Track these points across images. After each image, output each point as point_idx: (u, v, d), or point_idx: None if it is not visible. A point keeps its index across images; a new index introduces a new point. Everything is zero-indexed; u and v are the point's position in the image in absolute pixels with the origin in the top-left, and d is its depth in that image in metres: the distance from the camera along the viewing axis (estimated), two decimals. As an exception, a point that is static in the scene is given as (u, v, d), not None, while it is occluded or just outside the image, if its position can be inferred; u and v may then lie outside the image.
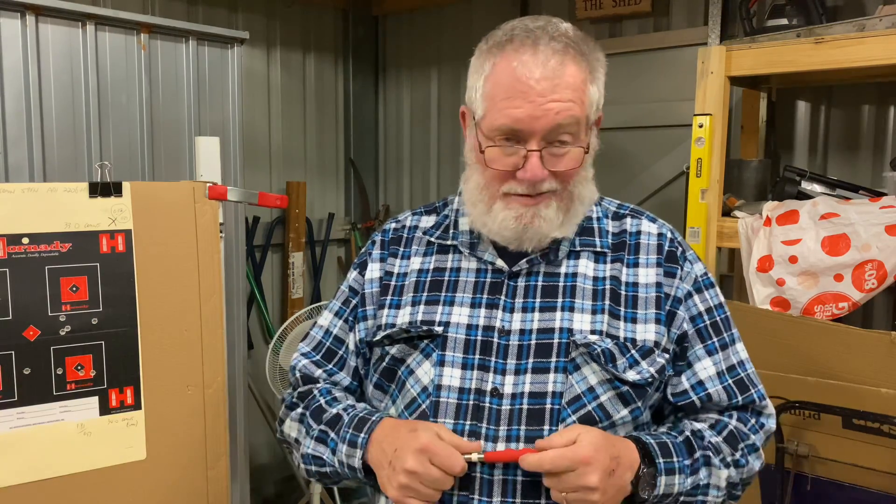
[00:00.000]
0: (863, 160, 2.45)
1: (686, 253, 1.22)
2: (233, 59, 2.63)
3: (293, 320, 2.82)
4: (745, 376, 1.20)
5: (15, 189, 1.59)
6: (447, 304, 1.18)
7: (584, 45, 1.10)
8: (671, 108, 2.81)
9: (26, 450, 1.59)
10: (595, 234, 1.21)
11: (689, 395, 1.18)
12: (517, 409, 1.10)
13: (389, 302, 1.23)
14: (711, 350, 1.18)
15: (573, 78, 1.07)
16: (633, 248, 1.21)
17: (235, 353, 1.98)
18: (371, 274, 1.27)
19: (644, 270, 1.18)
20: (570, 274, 1.18)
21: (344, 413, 1.19)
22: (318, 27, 3.61)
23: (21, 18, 2.16)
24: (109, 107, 2.38)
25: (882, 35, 1.90)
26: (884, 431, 1.80)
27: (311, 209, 3.59)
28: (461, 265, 1.21)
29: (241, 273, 2.02)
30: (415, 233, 1.28)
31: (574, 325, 1.13)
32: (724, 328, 1.21)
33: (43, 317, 1.60)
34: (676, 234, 1.25)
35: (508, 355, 1.13)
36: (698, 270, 1.21)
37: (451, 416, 1.12)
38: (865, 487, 1.84)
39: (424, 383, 1.15)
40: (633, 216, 1.25)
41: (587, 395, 1.11)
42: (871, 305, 2.32)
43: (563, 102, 1.06)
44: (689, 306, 1.18)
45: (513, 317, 1.15)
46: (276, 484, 3.59)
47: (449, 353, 1.15)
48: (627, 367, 1.12)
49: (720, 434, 1.17)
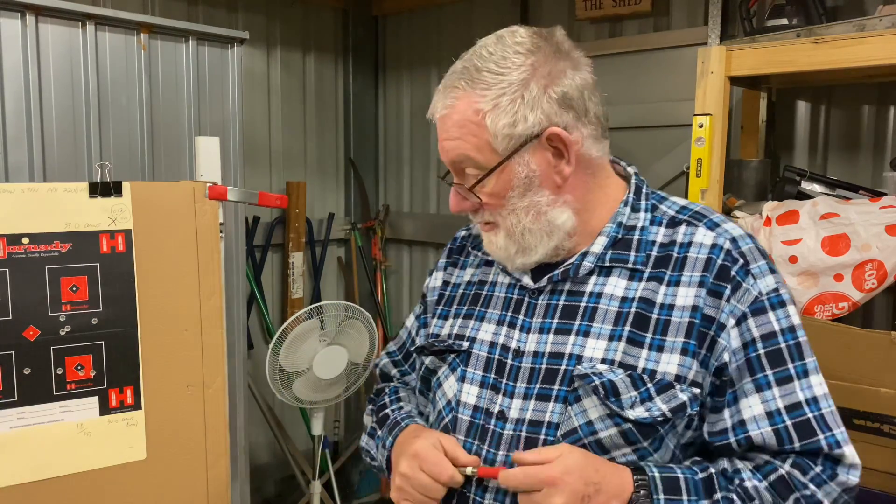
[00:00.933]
0: (863, 160, 2.45)
1: (750, 266, 1.04)
2: (233, 59, 2.63)
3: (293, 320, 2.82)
4: (813, 417, 1.00)
5: (15, 189, 1.59)
6: (478, 319, 1.17)
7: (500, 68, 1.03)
8: (671, 108, 2.81)
9: (26, 450, 1.59)
10: (632, 246, 1.09)
11: (728, 435, 1.02)
12: (516, 435, 1.06)
13: (440, 312, 1.25)
14: (762, 385, 1.01)
15: (459, 115, 1.05)
16: (678, 264, 1.06)
17: (235, 353, 1.98)
18: (434, 282, 1.30)
19: (685, 290, 1.04)
20: (596, 294, 1.08)
21: (391, 413, 1.25)
22: (317, 27, 3.61)
23: (21, 18, 2.16)
24: (109, 107, 2.37)
25: (882, 35, 1.90)
26: (884, 431, 1.80)
27: (311, 209, 3.59)
28: (498, 279, 1.19)
29: (241, 273, 2.02)
30: (475, 241, 1.27)
31: (585, 351, 1.05)
32: (789, 357, 1.02)
33: (43, 317, 1.60)
34: (744, 242, 1.06)
35: (519, 378, 1.09)
36: (764, 287, 1.03)
37: (463, 433, 1.12)
38: (866, 487, 1.84)
39: (448, 397, 1.15)
40: (691, 223, 1.09)
41: (584, 429, 1.03)
42: (871, 305, 2.31)
43: (452, 141, 1.07)
44: (742, 331, 1.01)
45: (529, 337, 1.10)
46: (276, 484, 3.59)
47: (471, 369, 1.14)
48: (637, 403, 1.00)
49: (766, 478, 1.00)
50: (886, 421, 1.78)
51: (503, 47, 1.05)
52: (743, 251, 1.05)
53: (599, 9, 2.95)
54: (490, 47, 1.06)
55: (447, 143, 1.08)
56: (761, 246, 1.09)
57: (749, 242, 1.07)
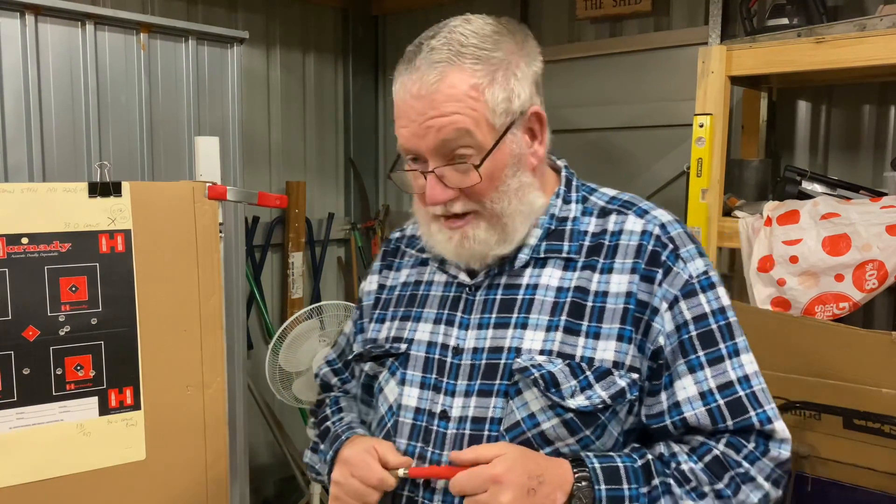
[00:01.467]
0: (863, 160, 2.44)
1: (679, 250, 1.06)
2: (232, 59, 2.63)
3: (293, 320, 2.82)
4: (745, 395, 1.03)
5: (15, 189, 1.59)
6: (415, 319, 1.15)
7: (491, 45, 1.01)
8: (671, 108, 2.81)
9: (26, 450, 1.58)
10: (565, 237, 1.10)
11: (664, 417, 1.04)
12: (460, 433, 1.05)
13: (377, 316, 1.22)
14: (695, 366, 1.03)
15: (454, 88, 0.99)
16: (610, 251, 1.07)
17: (235, 353, 1.98)
18: (370, 286, 1.27)
19: (618, 277, 1.05)
20: (532, 286, 1.08)
21: (332, 426, 1.22)
22: (317, 27, 3.61)
23: (20, 18, 2.16)
24: (109, 107, 2.37)
25: (882, 35, 1.90)
26: (884, 431, 1.79)
27: (310, 209, 3.59)
28: (434, 278, 1.17)
29: (240, 273, 2.02)
30: (409, 242, 1.26)
31: (524, 343, 1.04)
32: (720, 338, 1.04)
33: (42, 317, 1.60)
34: (672, 227, 1.08)
35: (459, 376, 1.07)
36: (694, 270, 1.05)
37: (406, 437, 1.09)
38: (866, 487, 1.84)
39: (390, 402, 1.13)
40: (621, 212, 1.11)
41: (527, 422, 1.02)
42: (871, 305, 2.31)
43: (445, 117, 0.99)
44: (674, 314, 1.03)
45: (468, 334, 1.09)
46: (276, 484, 3.59)
47: (410, 371, 1.11)
48: (577, 392, 1.01)
49: (701, 459, 1.02)
50: (886, 421, 1.78)
51: (479, 26, 1.03)
52: (672, 236, 1.07)
53: (599, 8, 2.94)
54: (463, 27, 1.03)
55: (438, 119, 1.00)
56: (689, 230, 1.11)
57: (678, 227, 1.09)
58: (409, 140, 1.03)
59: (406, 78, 1.02)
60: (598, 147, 3.05)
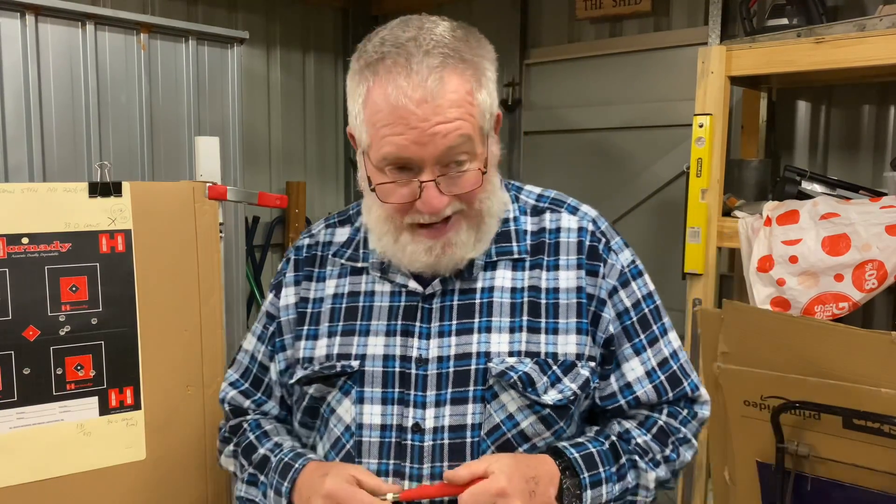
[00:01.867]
0: (863, 160, 2.45)
1: (610, 243, 1.12)
2: (232, 59, 2.63)
3: (293, 320, 2.82)
4: (677, 368, 1.14)
5: (15, 189, 1.59)
6: (363, 333, 1.09)
7: (466, 48, 0.99)
8: (671, 108, 2.81)
9: (26, 450, 1.58)
10: (512, 238, 1.11)
11: (617, 398, 1.12)
12: (438, 444, 1.03)
13: (306, 333, 1.14)
14: (639, 348, 1.11)
15: (456, 93, 0.96)
16: (552, 249, 1.10)
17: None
18: (286, 300, 1.18)
19: (565, 273, 1.09)
20: (487, 289, 1.08)
21: (271, 455, 1.14)
22: (317, 27, 3.61)
23: (21, 18, 2.16)
24: (109, 107, 2.37)
25: (882, 35, 1.90)
26: (884, 431, 1.79)
27: (311, 209, 3.59)
28: (375, 288, 1.12)
29: (240, 273, 2.02)
30: (329, 250, 1.18)
31: (492, 347, 1.05)
32: (653, 320, 1.13)
33: (43, 317, 1.60)
34: (601, 222, 1.15)
35: (427, 386, 1.04)
36: (624, 260, 1.12)
37: (375, 456, 1.05)
38: (865, 487, 1.84)
39: (347, 422, 1.08)
40: (553, 209, 1.14)
41: (506, 424, 1.04)
42: (871, 305, 2.31)
43: (450, 123, 0.96)
44: (615, 303, 1.10)
45: (430, 343, 1.06)
46: (276, 484, 3.58)
47: (367, 388, 1.07)
48: (549, 387, 1.05)
49: (649, 431, 1.12)
50: (886, 421, 1.78)
51: (451, 29, 1.00)
52: (603, 230, 1.13)
53: (599, 8, 2.94)
54: (439, 28, 0.99)
55: (445, 125, 0.95)
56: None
57: (604, 222, 1.16)
58: (405, 149, 0.96)
59: (403, 82, 0.95)
60: (598, 147, 3.05)
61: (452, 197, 1.01)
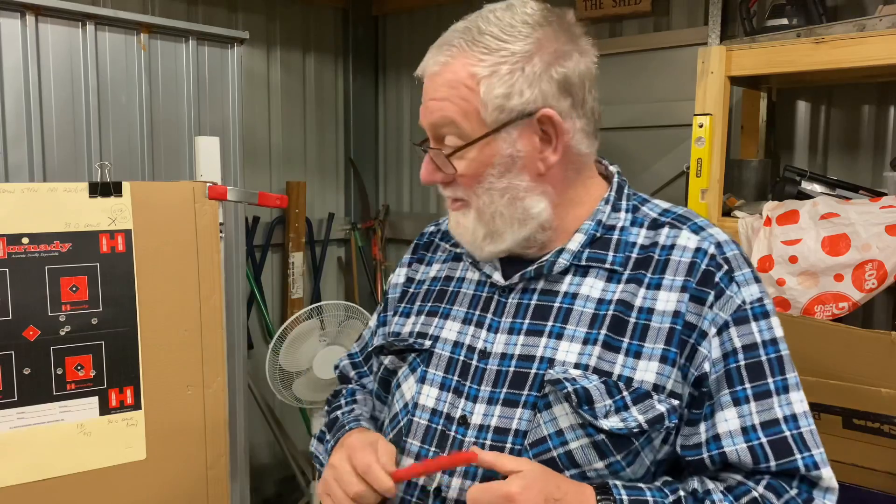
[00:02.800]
0: (863, 160, 2.45)
1: (734, 273, 0.98)
2: (233, 59, 2.63)
3: (293, 320, 2.82)
4: (791, 436, 0.95)
5: (15, 189, 1.59)
6: (443, 316, 1.10)
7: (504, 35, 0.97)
8: (671, 108, 2.81)
9: (26, 450, 1.59)
10: (611, 246, 1.03)
11: (701, 451, 0.96)
12: (480, 442, 0.99)
13: (402, 309, 1.17)
14: (740, 398, 0.95)
15: (454, 75, 0.97)
16: (659, 266, 1.00)
17: (235, 353, 1.98)
18: (397, 279, 1.23)
19: (665, 294, 0.98)
20: (571, 294, 1.02)
21: (341, 417, 1.18)
22: (318, 27, 3.61)
23: (21, 18, 2.16)
24: (109, 107, 2.38)
25: (882, 35, 1.90)
26: (884, 431, 1.79)
27: (311, 209, 3.59)
28: (467, 275, 1.12)
29: (241, 273, 2.02)
30: (445, 237, 1.20)
31: (558, 355, 0.98)
32: (770, 371, 0.96)
33: (43, 317, 1.60)
34: (729, 248, 1.01)
35: (484, 381, 1.01)
36: (748, 295, 0.98)
37: (419, 439, 1.04)
38: (865, 487, 1.84)
39: (406, 399, 1.08)
40: (674, 226, 1.03)
41: (554, 439, 0.96)
42: (871, 305, 2.31)
43: (438, 101, 0.98)
44: (722, 341, 0.96)
45: (497, 337, 1.03)
46: (276, 484, 3.59)
47: (431, 370, 1.06)
48: (611, 412, 0.94)
49: (737, 501, 0.94)
50: (886, 421, 1.78)
51: (512, 14, 0.99)
52: (728, 257, 1.00)
53: (599, 8, 2.95)
54: (498, 12, 1.00)
55: (432, 102, 0.99)
56: (746, 254, 1.04)
57: (734, 249, 1.02)
58: (420, 115, 1.03)
59: (427, 55, 1.02)
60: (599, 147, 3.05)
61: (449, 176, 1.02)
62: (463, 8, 1.13)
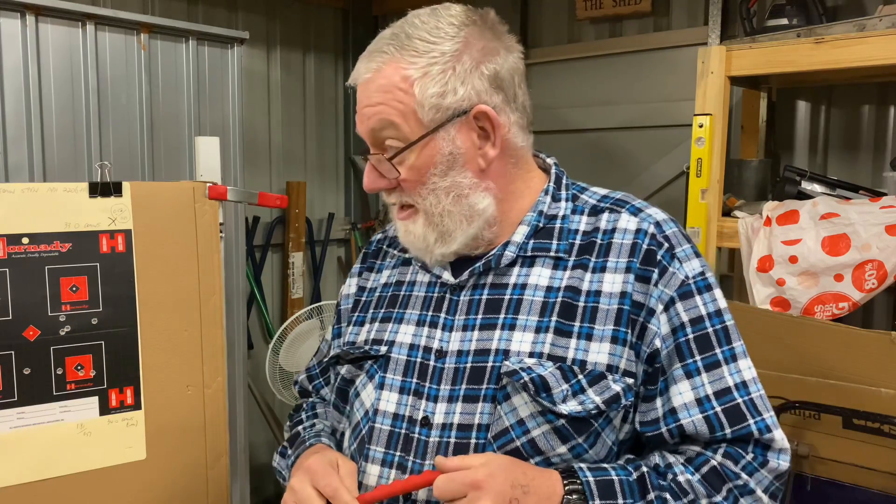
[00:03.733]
0: (863, 160, 2.45)
1: (675, 249, 1.02)
2: (233, 59, 2.63)
3: (293, 320, 2.82)
4: (743, 402, 0.98)
5: (15, 189, 1.59)
6: (397, 321, 1.10)
7: (432, 37, 1.00)
8: (671, 108, 2.81)
9: (26, 450, 1.59)
10: (554, 235, 1.06)
11: (659, 425, 0.99)
12: (444, 441, 0.99)
13: (355, 319, 1.18)
14: (692, 371, 0.98)
15: (385, 80, 1.00)
16: (602, 250, 1.03)
17: (235, 353, 1.98)
18: (348, 290, 1.24)
19: (611, 276, 1.00)
20: (520, 285, 1.03)
21: (302, 432, 1.20)
22: (318, 27, 3.61)
23: (21, 18, 2.16)
24: (109, 107, 2.38)
25: (882, 35, 1.90)
26: (884, 431, 1.79)
27: (311, 209, 3.59)
28: (417, 278, 1.13)
29: (241, 273, 2.02)
30: (393, 243, 1.21)
31: (512, 345, 0.99)
32: (717, 342, 1.00)
33: (43, 317, 1.60)
34: (668, 226, 1.04)
35: (443, 380, 1.02)
36: (690, 270, 1.01)
37: (383, 445, 1.04)
38: (865, 487, 1.84)
39: (367, 406, 1.08)
40: (613, 210, 1.06)
41: (516, 429, 0.97)
42: (871, 305, 2.31)
43: (373, 107, 1.01)
44: (670, 316, 0.99)
45: (451, 336, 1.04)
46: (276, 484, 3.59)
47: (389, 375, 1.06)
48: (569, 397, 0.96)
49: (697, 471, 0.97)
50: (886, 421, 1.78)
51: (437, 17, 1.02)
52: (667, 235, 1.03)
53: (599, 9, 2.95)
54: (423, 17, 1.03)
55: (368, 109, 1.02)
56: (684, 230, 1.07)
57: (673, 226, 1.05)
58: (357, 124, 1.07)
59: (358, 64, 1.04)
60: (598, 147, 3.05)
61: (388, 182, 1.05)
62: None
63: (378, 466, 1.04)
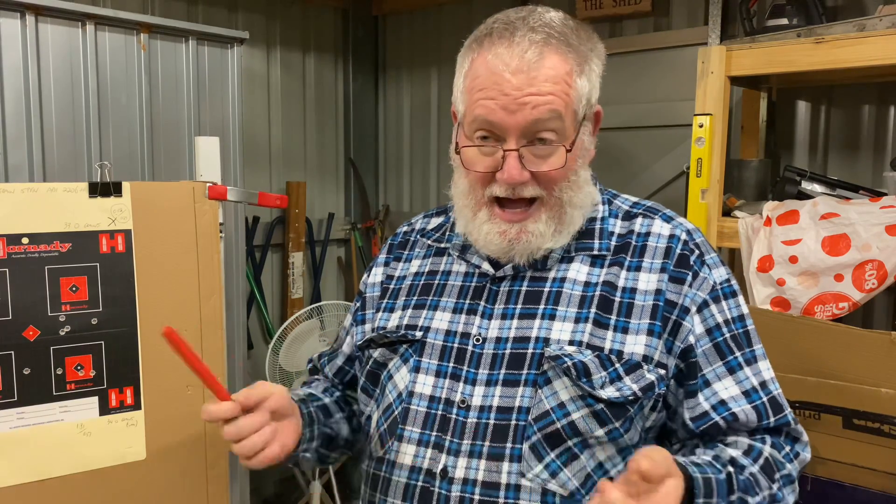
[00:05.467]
0: (863, 160, 2.45)
1: (705, 256, 1.10)
2: (233, 59, 2.63)
3: (293, 320, 2.82)
4: (777, 395, 1.08)
5: (15, 189, 1.59)
6: (432, 308, 1.14)
7: (574, 35, 1.03)
8: (671, 108, 2.81)
9: (26, 450, 1.58)
10: (595, 235, 1.12)
11: (711, 415, 1.05)
12: (483, 423, 1.03)
13: (385, 305, 1.21)
14: (734, 366, 1.06)
15: (554, 70, 0.99)
16: (637, 251, 1.09)
17: (235, 353, 1.98)
18: (374, 278, 1.27)
19: (646, 276, 1.07)
20: (559, 279, 1.09)
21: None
22: (318, 27, 3.61)
23: (21, 18, 2.16)
24: (109, 107, 2.37)
25: (882, 35, 1.90)
26: (884, 431, 1.80)
27: (311, 209, 3.59)
28: (452, 268, 1.16)
29: (241, 273, 2.02)
30: (421, 235, 1.25)
31: (552, 334, 1.04)
32: (746, 343, 1.08)
33: (43, 317, 1.60)
34: (697, 235, 1.12)
35: (481, 365, 1.06)
36: (718, 276, 1.09)
37: (419, 426, 1.08)
38: (865, 487, 1.84)
39: (400, 389, 1.11)
40: (647, 216, 1.14)
41: (556, 412, 1.02)
42: (871, 305, 2.31)
43: (542, 96, 0.99)
44: (705, 317, 1.06)
45: (490, 324, 1.08)
46: (276, 484, 3.59)
47: (425, 359, 1.10)
48: (606, 383, 1.01)
49: (755, 462, 1.03)
50: (886, 421, 1.78)
51: (561, 16, 1.05)
52: (698, 242, 1.11)
53: (599, 9, 2.95)
54: (550, 13, 1.04)
55: (536, 97, 0.98)
56: None
57: (701, 236, 1.13)
58: (493, 113, 1.00)
59: (503, 51, 0.99)
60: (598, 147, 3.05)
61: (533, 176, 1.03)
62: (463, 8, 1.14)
63: (414, 446, 1.08)
